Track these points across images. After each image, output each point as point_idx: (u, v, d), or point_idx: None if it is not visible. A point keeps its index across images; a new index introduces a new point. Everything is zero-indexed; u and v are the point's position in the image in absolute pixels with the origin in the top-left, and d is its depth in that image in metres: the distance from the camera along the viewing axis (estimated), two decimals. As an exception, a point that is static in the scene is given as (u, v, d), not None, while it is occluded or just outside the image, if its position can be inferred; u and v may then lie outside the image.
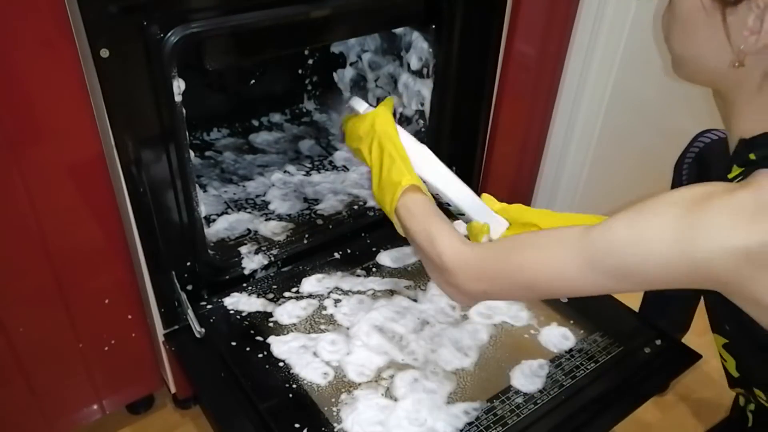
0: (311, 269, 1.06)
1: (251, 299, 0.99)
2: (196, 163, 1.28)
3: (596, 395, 0.85)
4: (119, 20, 0.71)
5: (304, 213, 1.16)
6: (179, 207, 0.89)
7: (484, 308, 0.98)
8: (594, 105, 1.25)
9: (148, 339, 1.01)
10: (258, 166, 1.31)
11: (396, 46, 1.19)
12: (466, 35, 1.05)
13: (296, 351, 0.89)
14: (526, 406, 0.83)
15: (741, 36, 0.53)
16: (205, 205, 1.13)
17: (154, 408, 1.16)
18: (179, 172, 0.86)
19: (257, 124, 1.43)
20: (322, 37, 1.07)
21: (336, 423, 0.80)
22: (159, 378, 1.08)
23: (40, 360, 0.91)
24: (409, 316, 0.95)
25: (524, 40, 1.11)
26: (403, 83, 1.20)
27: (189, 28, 0.76)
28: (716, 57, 0.56)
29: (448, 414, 0.81)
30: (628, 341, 0.93)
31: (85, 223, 0.85)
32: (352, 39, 1.29)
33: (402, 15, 1.04)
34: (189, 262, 0.95)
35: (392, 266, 1.08)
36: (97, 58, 0.71)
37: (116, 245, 0.89)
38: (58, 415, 0.99)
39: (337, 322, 0.95)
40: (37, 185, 0.78)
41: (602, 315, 0.99)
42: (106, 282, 0.91)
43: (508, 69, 1.12)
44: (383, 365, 0.88)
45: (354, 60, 1.33)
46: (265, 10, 0.83)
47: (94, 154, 0.80)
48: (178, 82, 0.79)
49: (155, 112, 0.80)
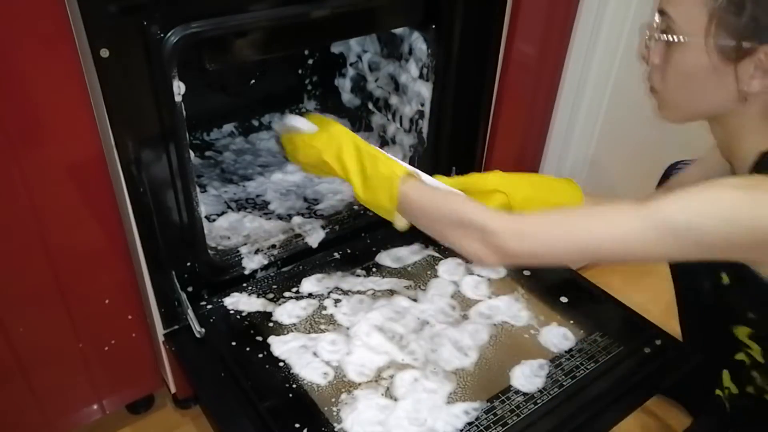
0: (311, 269, 1.06)
1: (251, 299, 0.99)
2: (196, 163, 1.28)
3: (596, 395, 0.85)
4: (119, 20, 0.71)
5: (304, 213, 1.16)
6: (179, 207, 0.89)
7: (485, 308, 0.98)
8: (594, 105, 1.25)
9: (148, 339, 1.01)
10: (258, 166, 1.31)
11: (396, 47, 1.19)
12: (466, 35, 1.05)
13: (296, 351, 0.89)
14: (526, 406, 0.83)
15: (745, 82, 0.63)
16: (205, 205, 1.13)
17: (154, 408, 1.16)
18: (179, 172, 0.86)
19: (257, 124, 1.43)
20: (321, 38, 1.07)
21: (336, 423, 0.80)
22: (159, 378, 1.08)
23: (40, 360, 0.91)
24: (409, 316, 0.95)
25: (524, 40, 1.11)
26: (403, 83, 1.20)
27: (189, 28, 0.76)
28: (721, 102, 0.66)
29: (448, 414, 0.81)
30: (628, 341, 0.93)
31: (85, 223, 0.85)
32: (352, 39, 1.29)
33: (402, 15, 1.04)
34: (189, 262, 0.95)
35: (392, 266, 1.08)
36: (97, 58, 0.71)
37: (116, 245, 0.89)
38: (58, 415, 0.99)
39: (337, 322, 0.95)
40: (37, 185, 0.78)
41: (602, 315, 0.99)
42: (106, 282, 0.91)
43: (508, 69, 1.12)
44: (383, 365, 0.88)
45: (354, 60, 1.33)
46: (265, 10, 0.83)
47: (94, 154, 0.80)
48: (178, 82, 0.79)
49: (155, 112, 0.80)
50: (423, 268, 1.07)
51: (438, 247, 1.12)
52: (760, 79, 0.62)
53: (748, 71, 0.63)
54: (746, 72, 0.63)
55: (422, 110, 1.16)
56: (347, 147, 0.81)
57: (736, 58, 0.62)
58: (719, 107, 0.68)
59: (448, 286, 1.03)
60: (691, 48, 0.65)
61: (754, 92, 0.64)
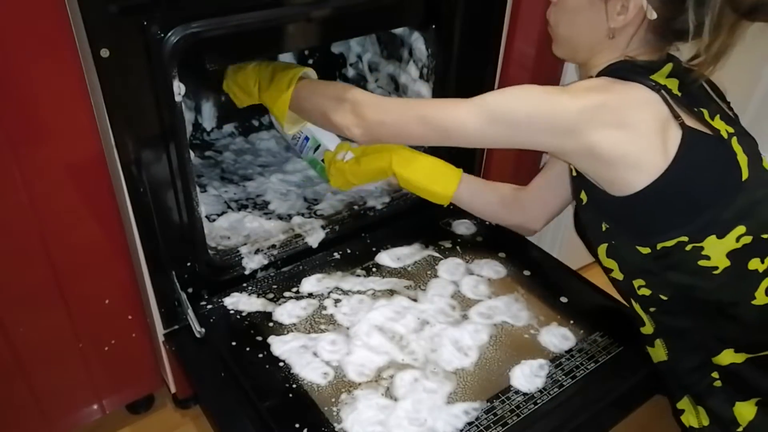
0: (311, 269, 1.06)
1: (251, 299, 0.99)
2: (196, 163, 1.28)
3: (596, 395, 0.85)
4: (119, 20, 0.71)
5: (304, 213, 1.16)
6: (179, 207, 0.89)
7: (485, 308, 0.98)
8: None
9: (148, 339, 1.01)
10: (258, 166, 1.31)
11: (396, 47, 1.19)
12: (466, 36, 1.05)
13: (296, 351, 0.89)
14: (526, 406, 0.83)
15: (613, 18, 0.74)
16: (205, 205, 1.13)
17: (154, 408, 1.16)
18: (179, 172, 0.86)
19: (257, 124, 1.43)
20: (321, 38, 1.07)
21: (336, 423, 0.80)
22: (159, 378, 1.08)
23: (40, 360, 0.91)
24: (409, 316, 0.95)
25: (524, 40, 1.11)
26: (403, 84, 1.20)
27: (189, 28, 0.76)
28: (597, 37, 0.78)
29: (448, 414, 0.81)
30: (628, 341, 0.93)
31: (85, 223, 0.85)
32: (352, 40, 1.29)
33: (402, 15, 1.04)
34: (189, 262, 0.95)
35: (392, 266, 1.08)
36: (97, 58, 0.71)
37: (116, 245, 0.89)
38: (58, 415, 0.99)
39: (337, 322, 0.95)
40: (37, 185, 0.78)
41: (602, 315, 0.99)
42: (106, 282, 0.91)
43: (508, 69, 1.12)
44: (383, 365, 0.88)
45: (354, 61, 1.33)
46: (265, 10, 0.83)
47: (94, 154, 0.80)
48: (179, 83, 0.80)
49: (155, 112, 0.80)
50: (423, 268, 1.07)
51: (438, 247, 1.12)
52: (624, 15, 0.73)
53: (615, 8, 0.74)
54: (614, 9, 0.74)
55: (422, 110, 1.16)
56: (264, 63, 1.01)
57: None
58: (595, 43, 0.78)
59: (448, 286, 1.03)
60: None
61: (619, 27, 0.75)
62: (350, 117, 0.86)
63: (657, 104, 0.72)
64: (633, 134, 0.71)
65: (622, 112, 0.72)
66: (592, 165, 0.75)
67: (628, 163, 0.71)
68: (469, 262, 1.09)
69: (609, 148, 0.71)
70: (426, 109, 0.82)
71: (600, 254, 0.83)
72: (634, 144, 0.71)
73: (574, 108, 0.72)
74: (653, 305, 0.81)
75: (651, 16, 0.72)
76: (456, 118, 0.79)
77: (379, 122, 0.85)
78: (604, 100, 0.72)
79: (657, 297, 0.79)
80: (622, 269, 0.81)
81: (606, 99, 0.72)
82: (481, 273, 1.06)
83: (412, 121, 0.82)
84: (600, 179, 0.76)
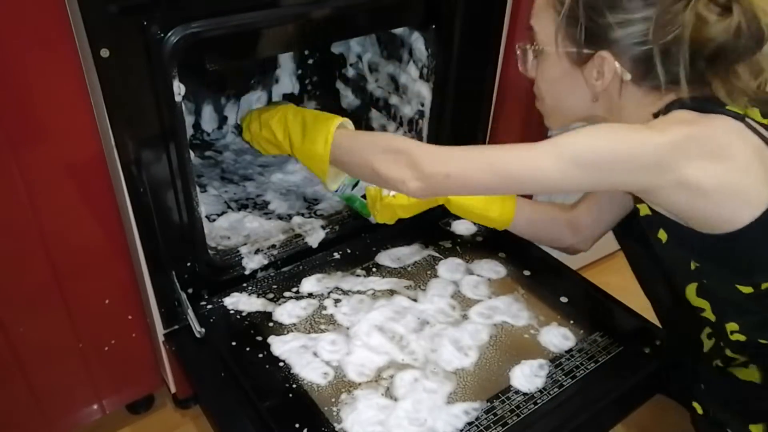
0: (311, 269, 1.06)
1: (251, 299, 0.99)
2: (196, 163, 1.28)
3: (596, 395, 0.85)
4: (119, 20, 0.71)
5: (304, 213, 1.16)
6: (179, 207, 0.89)
7: (485, 308, 0.98)
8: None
9: (148, 339, 1.01)
10: (258, 166, 1.31)
11: (396, 47, 1.19)
12: (466, 36, 1.05)
13: (296, 351, 0.89)
14: (526, 406, 0.83)
15: (591, 84, 0.74)
16: (205, 205, 1.13)
17: (154, 408, 1.16)
18: (179, 172, 0.86)
19: (257, 124, 1.43)
20: (321, 38, 1.07)
21: (336, 423, 0.80)
22: (159, 378, 1.08)
23: (40, 360, 0.91)
24: (409, 316, 0.95)
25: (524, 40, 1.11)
26: (403, 84, 1.20)
27: (189, 28, 0.76)
28: (583, 103, 0.77)
29: (448, 414, 0.81)
30: (628, 341, 0.93)
31: (85, 223, 0.85)
32: (352, 40, 1.29)
33: (402, 16, 1.04)
34: (189, 262, 0.95)
35: (392, 266, 1.08)
36: (97, 58, 0.71)
37: (116, 245, 0.89)
38: (58, 415, 0.99)
39: (337, 322, 0.95)
40: (37, 185, 0.78)
41: (602, 315, 0.99)
42: (106, 282, 0.91)
43: (508, 69, 1.12)
44: (383, 365, 0.88)
45: (354, 61, 1.33)
46: (266, 10, 0.83)
47: (94, 153, 0.80)
48: (179, 83, 0.80)
49: (155, 112, 0.80)
50: (423, 268, 1.07)
51: (438, 247, 1.12)
52: (601, 80, 0.73)
53: (592, 74, 0.73)
54: (591, 75, 0.73)
55: (422, 110, 1.16)
56: (291, 109, 0.95)
57: (581, 63, 0.73)
58: (585, 108, 0.78)
59: (448, 286, 1.03)
60: (550, 56, 0.76)
61: (599, 92, 0.74)
62: (406, 171, 0.77)
63: (746, 133, 0.67)
64: (731, 164, 0.66)
65: (715, 142, 0.66)
66: (688, 201, 0.68)
67: (729, 196, 0.66)
68: (469, 262, 1.09)
69: (708, 180, 0.65)
70: (494, 158, 0.74)
71: (689, 294, 0.78)
72: (735, 175, 0.66)
73: (664, 142, 0.65)
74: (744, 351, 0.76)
75: (626, 77, 0.71)
76: (532, 165, 0.71)
77: (444, 175, 0.75)
78: (692, 132, 0.66)
79: (754, 341, 0.74)
80: (714, 310, 0.76)
81: (694, 131, 0.66)
82: (481, 273, 1.06)
83: (479, 172, 0.74)
84: (693, 217, 0.69)
